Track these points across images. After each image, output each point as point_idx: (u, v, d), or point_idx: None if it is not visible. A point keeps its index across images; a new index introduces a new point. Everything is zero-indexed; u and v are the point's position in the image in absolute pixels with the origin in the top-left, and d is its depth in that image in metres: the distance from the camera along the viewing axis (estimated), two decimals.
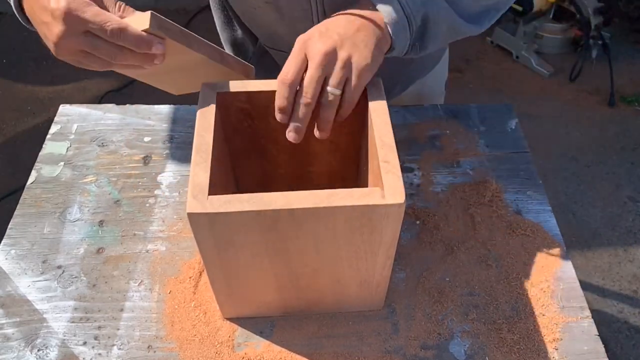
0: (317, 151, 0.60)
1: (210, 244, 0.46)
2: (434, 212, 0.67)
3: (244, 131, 0.56)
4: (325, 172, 0.63)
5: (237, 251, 0.47)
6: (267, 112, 0.53)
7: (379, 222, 0.45)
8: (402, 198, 0.44)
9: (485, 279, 0.62)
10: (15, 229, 0.65)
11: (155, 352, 0.55)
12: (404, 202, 0.44)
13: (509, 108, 0.80)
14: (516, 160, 0.73)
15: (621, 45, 2.21)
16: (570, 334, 0.57)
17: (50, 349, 0.55)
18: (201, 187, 0.44)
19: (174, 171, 0.71)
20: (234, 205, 0.42)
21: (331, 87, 0.48)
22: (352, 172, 0.63)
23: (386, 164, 0.46)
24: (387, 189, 0.44)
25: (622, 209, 1.70)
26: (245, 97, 0.52)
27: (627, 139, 1.91)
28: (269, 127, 0.55)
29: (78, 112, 0.78)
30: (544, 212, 0.68)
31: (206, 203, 0.43)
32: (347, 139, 0.58)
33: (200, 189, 0.44)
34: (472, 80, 2.11)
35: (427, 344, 0.56)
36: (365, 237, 0.47)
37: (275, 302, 0.56)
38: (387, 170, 0.46)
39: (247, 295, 0.55)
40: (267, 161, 0.61)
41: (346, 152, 0.60)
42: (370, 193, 0.44)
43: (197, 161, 0.46)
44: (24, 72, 2.07)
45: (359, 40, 0.48)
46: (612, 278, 1.54)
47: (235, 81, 0.52)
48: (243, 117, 0.54)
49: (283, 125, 0.53)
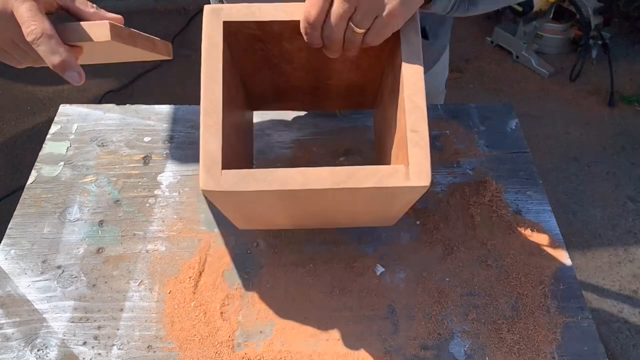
0: (336, 68, 0.54)
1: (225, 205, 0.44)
2: (434, 212, 0.67)
3: (254, 53, 0.51)
4: (344, 85, 0.58)
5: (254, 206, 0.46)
6: (281, 38, 0.48)
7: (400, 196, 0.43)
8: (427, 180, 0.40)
9: (485, 279, 0.62)
10: (15, 229, 0.65)
11: (155, 352, 0.55)
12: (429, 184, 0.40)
13: (509, 108, 0.80)
14: (516, 160, 0.73)
15: (621, 45, 2.21)
16: (570, 334, 0.57)
17: (50, 349, 0.55)
18: (214, 158, 0.41)
19: (174, 171, 0.71)
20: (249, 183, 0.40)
21: (354, 25, 0.43)
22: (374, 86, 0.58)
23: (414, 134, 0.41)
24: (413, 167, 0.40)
25: (622, 209, 1.70)
26: (255, 25, 0.46)
27: (627, 139, 1.91)
28: (282, 50, 0.50)
29: (78, 112, 0.78)
30: (544, 212, 0.68)
31: (220, 179, 0.40)
32: (371, 60, 0.52)
33: (213, 161, 0.40)
34: (472, 80, 2.10)
35: (427, 344, 0.56)
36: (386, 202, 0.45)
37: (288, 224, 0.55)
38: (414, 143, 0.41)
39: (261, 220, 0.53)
40: (281, 77, 0.56)
41: (368, 71, 0.55)
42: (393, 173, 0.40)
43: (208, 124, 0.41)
44: (23, 72, 2.06)
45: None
46: (612, 278, 1.54)
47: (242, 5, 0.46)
48: (253, 41, 0.49)
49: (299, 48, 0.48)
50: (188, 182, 0.70)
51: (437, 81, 0.89)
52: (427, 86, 0.85)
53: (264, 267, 0.62)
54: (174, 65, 2.07)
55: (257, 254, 0.63)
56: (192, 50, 2.13)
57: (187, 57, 2.12)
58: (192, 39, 2.19)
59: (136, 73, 2.05)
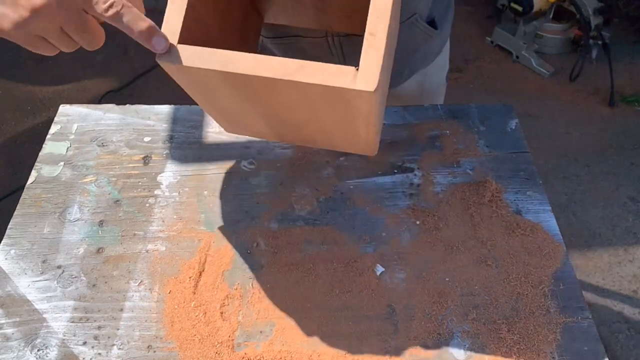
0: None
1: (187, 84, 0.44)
2: (434, 212, 0.67)
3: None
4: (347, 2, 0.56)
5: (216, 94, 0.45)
6: None
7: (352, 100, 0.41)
8: (373, 85, 0.38)
9: (485, 279, 0.62)
10: (15, 229, 0.65)
11: (155, 352, 0.55)
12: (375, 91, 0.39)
13: (509, 108, 0.80)
14: (516, 160, 0.73)
15: (621, 45, 2.21)
16: (570, 334, 0.57)
17: (50, 349, 0.55)
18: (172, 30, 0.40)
19: (174, 171, 0.71)
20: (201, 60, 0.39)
21: None
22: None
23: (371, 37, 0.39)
24: (362, 71, 0.39)
25: (622, 209, 1.70)
26: None
27: (627, 139, 1.91)
28: None
29: (78, 112, 0.78)
30: (544, 212, 0.68)
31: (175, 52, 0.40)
32: None
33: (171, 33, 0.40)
34: (472, 80, 2.10)
35: (426, 344, 0.56)
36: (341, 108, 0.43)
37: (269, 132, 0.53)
38: (370, 45, 0.39)
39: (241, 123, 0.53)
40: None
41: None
42: (340, 73, 0.39)
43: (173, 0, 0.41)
44: (24, 72, 2.07)
45: None
46: (612, 278, 1.54)
47: None
48: None
49: None
50: (188, 182, 0.70)
51: (439, 74, 0.90)
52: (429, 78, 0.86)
53: (264, 267, 0.62)
54: None
55: (257, 254, 0.63)
56: None
57: None
58: None
59: (136, 73, 2.05)
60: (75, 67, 2.08)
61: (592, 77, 2.10)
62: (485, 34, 2.28)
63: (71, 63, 2.09)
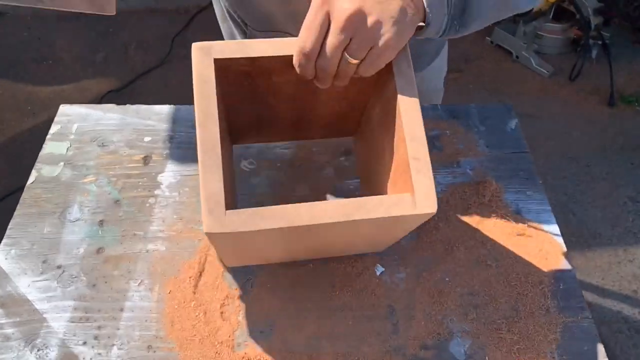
0: (322, 100, 0.55)
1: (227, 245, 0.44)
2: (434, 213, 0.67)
3: (242, 87, 0.51)
4: (327, 115, 0.58)
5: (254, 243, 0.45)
6: (270, 73, 0.49)
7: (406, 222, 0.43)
8: (434, 207, 0.40)
9: (485, 279, 0.62)
10: (15, 229, 0.65)
11: (155, 352, 0.55)
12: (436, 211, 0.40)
13: (509, 108, 0.80)
14: (516, 160, 0.73)
15: (621, 45, 2.21)
16: (570, 333, 0.57)
17: (50, 349, 0.55)
18: (216, 199, 0.40)
19: (174, 171, 0.71)
20: (256, 222, 0.39)
21: (349, 56, 0.43)
22: (356, 115, 0.58)
23: (416, 162, 0.41)
24: (419, 194, 0.41)
25: (622, 209, 1.70)
26: (246, 61, 0.46)
27: (627, 139, 1.91)
28: (270, 84, 0.50)
29: (78, 112, 0.78)
30: (544, 212, 0.68)
31: (224, 220, 0.39)
32: (357, 93, 0.53)
33: (216, 202, 0.39)
34: (472, 80, 2.10)
35: (427, 344, 0.57)
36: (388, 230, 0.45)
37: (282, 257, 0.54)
38: (417, 170, 0.41)
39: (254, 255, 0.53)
40: (265, 107, 0.56)
41: (353, 102, 0.55)
42: (400, 202, 0.40)
43: (207, 165, 0.41)
44: (24, 72, 2.07)
45: (391, 9, 0.42)
46: (612, 278, 1.54)
47: (232, 42, 0.46)
48: (242, 77, 0.49)
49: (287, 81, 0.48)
50: (188, 182, 0.70)
51: (435, 78, 0.88)
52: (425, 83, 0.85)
53: (264, 267, 0.62)
54: (174, 65, 2.07)
55: None
56: None
57: (187, 57, 2.11)
58: (192, 39, 2.18)
59: (136, 73, 2.05)
60: (75, 67, 2.08)
61: (591, 77, 2.10)
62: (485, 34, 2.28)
63: (71, 63, 2.10)
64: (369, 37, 0.42)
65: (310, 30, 0.42)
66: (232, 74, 0.48)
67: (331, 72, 0.44)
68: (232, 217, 0.39)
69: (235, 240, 0.43)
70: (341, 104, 0.56)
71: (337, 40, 0.42)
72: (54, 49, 2.13)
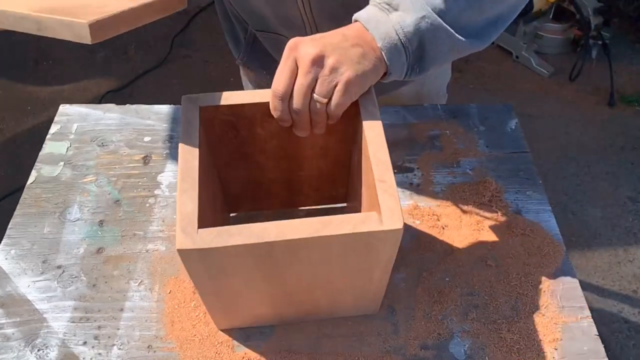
0: (306, 156, 0.58)
1: (202, 273, 0.45)
2: (434, 212, 0.67)
3: (229, 142, 0.55)
4: (315, 176, 0.62)
5: (230, 278, 0.46)
6: (253, 122, 0.52)
7: (376, 245, 0.44)
8: (400, 223, 0.42)
9: (485, 279, 0.62)
10: (15, 229, 0.65)
11: (155, 352, 0.55)
12: (402, 227, 0.42)
13: (509, 108, 0.80)
14: (516, 160, 0.73)
15: (621, 45, 2.21)
16: (570, 333, 0.57)
17: (50, 349, 0.55)
18: (190, 218, 0.42)
19: (174, 171, 0.71)
20: (225, 239, 0.41)
21: (317, 95, 0.47)
22: (343, 175, 0.62)
23: (382, 184, 0.44)
24: (385, 212, 0.42)
25: (622, 209, 1.70)
26: (228, 110, 0.50)
27: (627, 139, 1.91)
28: (255, 137, 0.54)
29: (78, 112, 0.78)
30: (544, 212, 0.68)
31: (196, 237, 0.41)
32: (337, 144, 0.57)
33: (189, 221, 0.42)
34: (472, 80, 2.10)
35: (427, 344, 0.57)
36: (362, 258, 0.46)
37: (270, 314, 0.56)
38: (383, 190, 0.44)
39: (241, 311, 0.54)
40: (254, 167, 0.59)
41: (337, 157, 0.59)
42: (367, 219, 0.42)
43: (184, 189, 0.44)
44: (24, 72, 2.07)
45: (352, 53, 0.47)
46: (612, 278, 1.54)
47: (217, 93, 0.51)
48: (228, 128, 0.53)
49: (270, 134, 0.52)
50: None
51: (437, 83, 0.88)
52: (426, 87, 0.85)
53: None
54: (174, 65, 2.07)
55: None
56: (192, 50, 2.13)
57: (187, 57, 2.12)
58: (192, 39, 2.19)
59: (136, 73, 2.05)
60: (75, 67, 2.08)
61: (591, 77, 2.10)
62: None
63: (71, 63, 2.10)
64: (330, 77, 0.46)
65: (282, 74, 0.47)
66: (218, 124, 0.52)
67: (304, 114, 0.48)
68: (203, 234, 0.41)
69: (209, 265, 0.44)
70: (325, 162, 0.59)
71: (305, 81, 0.46)
72: (54, 48, 2.13)
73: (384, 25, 0.48)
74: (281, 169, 0.60)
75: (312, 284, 0.50)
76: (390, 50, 0.48)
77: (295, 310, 0.56)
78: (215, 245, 0.40)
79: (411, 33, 0.48)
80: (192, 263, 0.43)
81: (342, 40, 0.48)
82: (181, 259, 0.42)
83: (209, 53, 2.11)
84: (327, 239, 0.42)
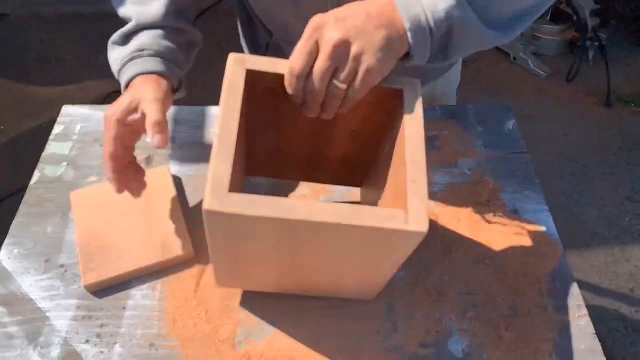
0: (336, 137, 0.57)
1: (221, 234, 0.45)
2: (433, 212, 0.68)
3: (267, 110, 0.53)
4: (339, 157, 0.61)
5: (246, 244, 0.46)
6: None
7: (396, 243, 0.44)
8: (425, 227, 0.42)
9: (483, 279, 0.62)
10: (18, 229, 0.66)
11: (157, 350, 0.56)
12: (426, 232, 0.42)
13: (507, 109, 0.81)
14: (514, 160, 0.74)
15: (618, 47, 2.22)
16: (568, 332, 0.58)
17: (53, 347, 0.56)
18: (222, 182, 0.41)
19: (175, 171, 0.72)
20: (255, 208, 0.40)
21: (336, 81, 0.46)
22: (366, 162, 0.61)
23: (414, 184, 0.44)
24: (412, 213, 0.42)
25: (619, 209, 1.71)
26: (274, 78, 0.48)
27: (624, 140, 1.92)
28: (291, 109, 0.52)
29: (81, 112, 0.79)
30: (542, 212, 0.69)
31: (225, 201, 0.40)
32: (369, 132, 0.56)
33: (221, 184, 0.41)
34: (469, 82, 2.11)
35: (425, 342, 0.57)
36: (378, 252, 0.46)
37: (273, 283, 0.55)
38: (414, 192, 0.44)
39: (246, 275, 0.54)
40: (284, 139, 0.58)
41: (365, 144, 0.58)
42: (393, 216, 0.42)
43: (220, 151, 0.43)
44: (26, 72, 2.07)
45: (375, 38, 0.46)
46: (609, 277, 1.55)
47: (265, 58, 0.49)
48: (269, 96, 0.51)
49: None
50: (190, 183, 0.71)
51: (448, 87, 0.89)
52: (439, 90, 0.86)
53: None
54: None
55: None
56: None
57: None
58: None
59: None
60: (78, 68, 2.08)
61: (589, 78, 2.11)
62: None
63: (74, 64, 2.10)
64: (353, 63, 0.46)
65: (301, 54, 0.46)
66: (261, 90, 0.50)
67: (319, 96, 0.47)
68: (233, 199, 0.40)
69: (231, 232, 0.44)
70: (354, 145, 0.58)
71: (325, 65, 0.45)
72: (57, 49, 2.13)
73: (415, 8, 0.47)
74: (309, 145, 0.59)
75: (322, 265, 0.50)
76: (417, 33, 0.47)
77: (298, 284, 0.56)
78: (244, 213, 0.40)
79: (442, 20, 0.47)
80: (216, 224, 0.43)
81: (366, 22, 0.46)
82: (206, 219, 0.41)
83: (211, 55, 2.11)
84: (353, 228, 0.42)
